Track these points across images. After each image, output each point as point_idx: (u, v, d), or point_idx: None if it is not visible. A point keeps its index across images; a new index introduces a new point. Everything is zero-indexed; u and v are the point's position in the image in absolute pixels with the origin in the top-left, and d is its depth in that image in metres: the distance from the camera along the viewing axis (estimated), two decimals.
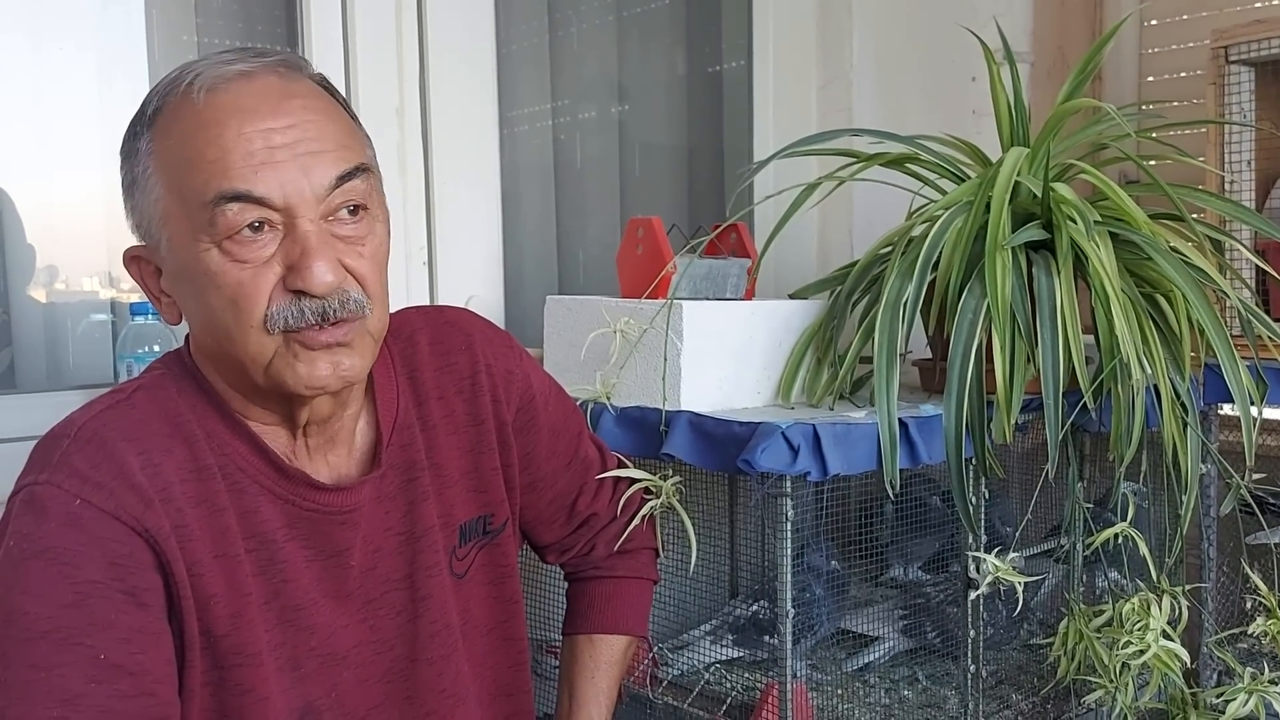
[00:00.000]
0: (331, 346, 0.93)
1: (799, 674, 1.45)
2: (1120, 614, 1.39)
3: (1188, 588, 1.46)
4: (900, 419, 1.31)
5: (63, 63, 1.60)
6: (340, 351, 0.93)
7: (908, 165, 1.58)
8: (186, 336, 1.01)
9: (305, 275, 0.90)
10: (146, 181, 0.93)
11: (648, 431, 1.37)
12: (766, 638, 1.55)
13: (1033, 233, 1.38)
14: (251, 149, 0.89)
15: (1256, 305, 1.50)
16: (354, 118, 1.00)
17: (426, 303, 1.77)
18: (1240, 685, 1.41)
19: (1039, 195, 1.40)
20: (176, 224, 0.91)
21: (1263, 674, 1.42)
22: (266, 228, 0.90)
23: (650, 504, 1.28)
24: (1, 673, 0.85)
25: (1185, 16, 2.10)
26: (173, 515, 0.91)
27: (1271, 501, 1.59)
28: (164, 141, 0.92)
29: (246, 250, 0.90)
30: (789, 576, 1.27)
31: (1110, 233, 1.40)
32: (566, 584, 1.33)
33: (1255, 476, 1.44)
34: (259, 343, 0.91)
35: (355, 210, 0.94)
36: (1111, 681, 1.38)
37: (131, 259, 0.98)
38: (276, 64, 0.94)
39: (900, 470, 1.30)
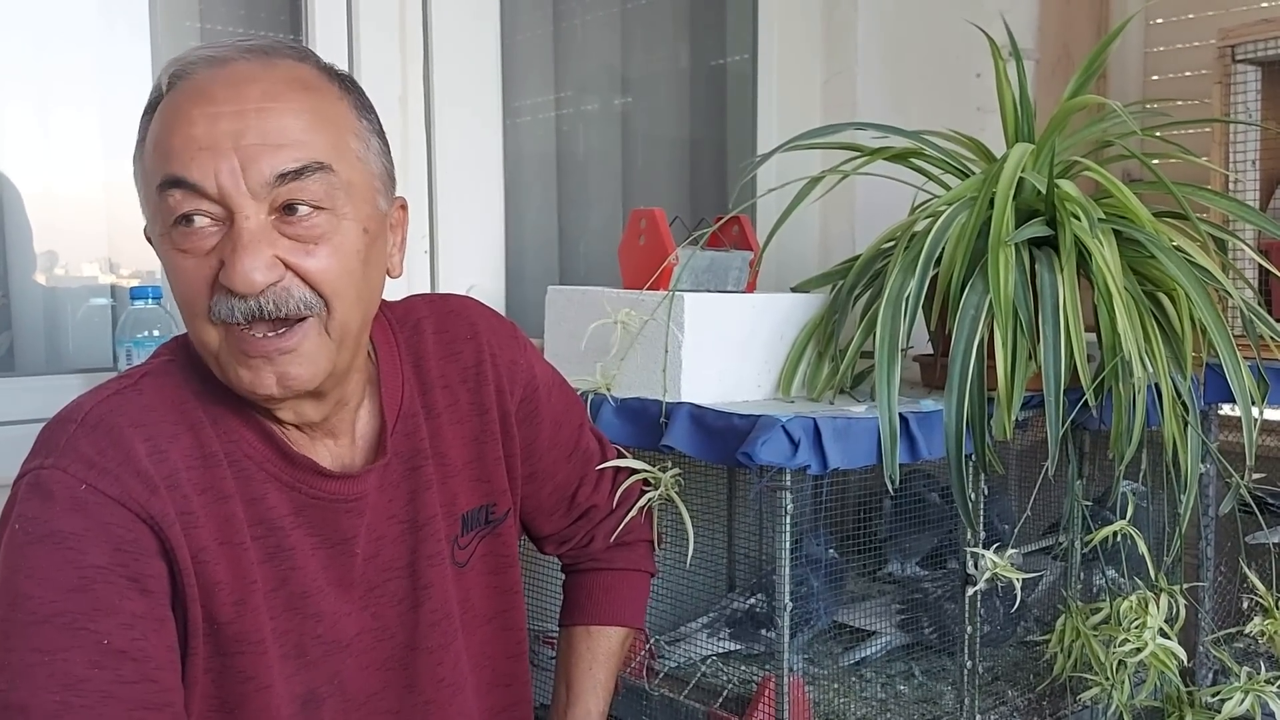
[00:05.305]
0: (271, 355, 0.89)
1: (795, 668, 1.45)
2: (1118, 612, 1.39)
3: (1185, 586, 1.47)
4: (901, 414, 1.31)
5: (65, 49, 1.59)
6: (286, 360, 0.90)
7: (911, 160, 1.58)
8: None
9: (230, 273, 0.86)
10: (138, 173, 0.94)
11: (648, 423, 1.37)
12: (763, 631, 1.55)
13: (1036, 229, 1.38)
14: (193, 133, 0.87)
15: (1259, 305, 1.50)
16: (361, 113, 0.96)
17: (427, 291, 1.76)
18: (1236, 684, 1.42)
19: (1043, 192, 1.40)
20: (149, 211, 0.92)
21: (1259, 673, 1.43)
22: (206, 220, 0.87)
23: (649, 496, 1.28)
24: (5, 656, 0.85)
25: (1191, 15, 2.09)
26: (178, 502, 0.91)
27: (1270, 501, 1.59)
28: (146, 131, 0.92)
29: (187, 240, 0.88)
30: (787, 570, 1.27)
31: (1114, 230, 1.40)
32: (563, 575, 1.32)
33: (1255, 476, 1.44)
34: (206, 331, 0.90)
35: (294, 209, 0.88)
36: (1108, 679, 1.38)
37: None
38: (254, 49, 0.91)
39: (900, 465, 1.30)
